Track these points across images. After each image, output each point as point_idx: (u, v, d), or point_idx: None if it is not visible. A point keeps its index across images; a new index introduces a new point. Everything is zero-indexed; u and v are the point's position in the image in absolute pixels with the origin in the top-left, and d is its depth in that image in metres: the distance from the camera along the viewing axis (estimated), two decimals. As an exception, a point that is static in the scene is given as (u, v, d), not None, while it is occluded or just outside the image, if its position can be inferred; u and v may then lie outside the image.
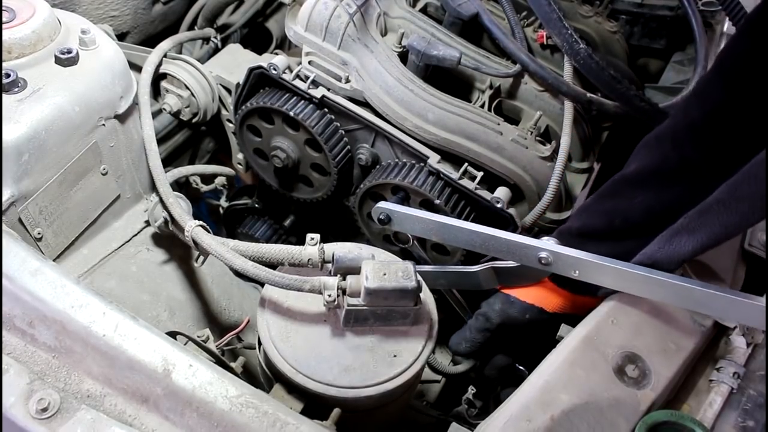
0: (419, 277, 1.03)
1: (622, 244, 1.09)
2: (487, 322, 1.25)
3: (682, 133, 1.04)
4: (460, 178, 1.35)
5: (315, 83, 1.44)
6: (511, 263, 1.17)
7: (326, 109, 1.44)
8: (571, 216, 1.24)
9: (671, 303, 1.03)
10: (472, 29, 1.55)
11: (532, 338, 1.25)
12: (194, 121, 1.65)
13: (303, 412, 0.96)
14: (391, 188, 1.41)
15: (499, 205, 1.33)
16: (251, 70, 1.46)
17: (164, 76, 1.60)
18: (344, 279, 1.02)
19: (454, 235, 1.11)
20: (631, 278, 0.99)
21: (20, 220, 1.13)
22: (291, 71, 1.44)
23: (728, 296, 0.91)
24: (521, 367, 1.33)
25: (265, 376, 1.10)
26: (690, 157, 1.04)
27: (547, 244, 1.05)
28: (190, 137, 1.85)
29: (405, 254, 1.41)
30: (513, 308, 1.21)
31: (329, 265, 1.05)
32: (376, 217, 1.16)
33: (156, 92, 1.64)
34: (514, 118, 1.52)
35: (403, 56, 1.46)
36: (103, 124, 1.24)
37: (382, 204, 1.14)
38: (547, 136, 1.50)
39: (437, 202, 1.33)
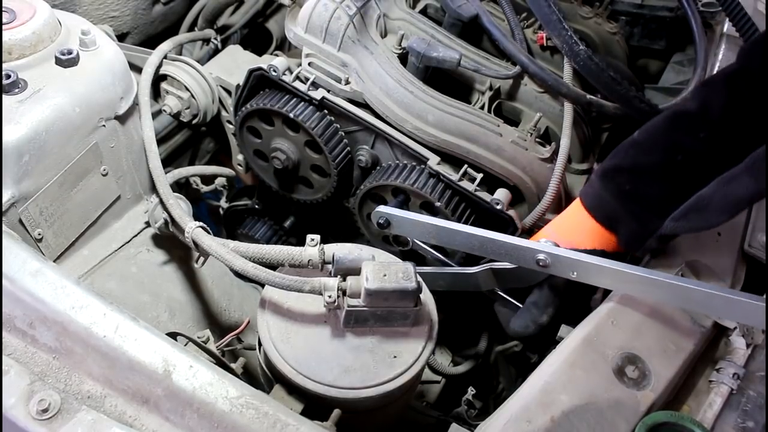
0: (419, 278, 1.03)
1: (680, 182, 1.06)
2: (554, 291, 1.18)
3: (757, 73, 1.01)
4: (460, 180, 1.35)
5: (315, 85, 1.44)
6: (509, 264, 1.17)
7: (326, 111, 1.44)
8: (615, 153, 1.16)
9: (670, 303, 1.03)
10: (471, 31, 1.56)
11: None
12: (194, 122, 1.65)
13: (303, 413, 0.96)
14: (391, 190, 1.41)
15: (498, 207, 1.33)
16: (251, 71, 1.46)
17: (164, 77, 1.60)
18: (344, 280, 1.02)
19: (452, 238, 1.11)
20: (629, 279, 0.99)
21: (21, 221, 1.14)
22: (291, 73, 1.45)
23: (727, 296, 0.91)
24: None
25: (265, 377, 1.10)
26: (761, 99, 1.01)
27: (545, 246, 1.05)
28: (190, 138, 1.85)
29: (405, 255, 1.41)
30: None
31: (329, 266, 1.05)
32: (376, 221, 1.16)
33: (156, 93, 1.64)
34: (513, 120, 1.52)
35: (403, 58, 1.46)
36: (104, 125, 1.24)
37: (381, 208, 1.14)
38: (546, 137, 1.50)
39: (437, 204, 1.34)
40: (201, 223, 1.15)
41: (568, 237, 1.16)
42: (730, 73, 1.06)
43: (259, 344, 1.09)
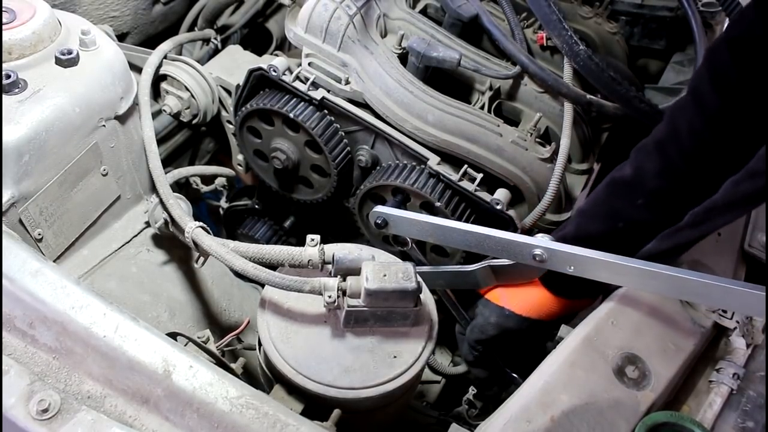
0: (419, 279, 1.03)
1: (623, 247, 1.09)
2: (482, 334, 1.25)
3: (685, 138, 1.05)
4: (460, 180, 1.35)
5: (315, 85, 1.44)
6: (507, 261, 1.17)
7: (326, 111, 1.44)
8: (566, 223, 1.25)
9: (669, 295, 1.02)
10: (471, 31, 1.55)
11: (528, 340, 1.26)
12: (194, 122, 1.65)
13: (303, 413, 0.96)
14: (391, 190, 1.41)
15: (498, 207, 1.33)
16: (251, 71, 1.46)
17: (164, 77, 1.60)
18: (344, 280, 1.02)
19: (450, 236, 1.11)
20: (627, 272, 0.98)
21: (21, 221, 1.14)
22: (291, 73, 1.45)
23: (725, 285, 0.90)
24: (514, 375, 1.34)
25: (265, 377, 1.10)
26: (694, 160, 1.04)
27: (542, 241, 1.05)
28: (190, 138, 1.85)
29: (405, 255, 1.41)
30: (509, 322, 1.22)
31: (329, 266, 1.05)
32: (373, 222, 1.16)
33: (156, 93, 1.64)
34: (513, 120, 1.52)
35: (403, 58, 1.46)
36: (104, 125, 1.24)
37: (378, 208, 1.14)
38: (546, 137, 1.50)
39: (438, 204, 1.34)
40: (201, 223, 1.15)
41: (517, 299, 1.22)
42: (659, 139, 1.09)
43: (259, 344, 1.09)
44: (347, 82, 1.44)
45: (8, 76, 1.12)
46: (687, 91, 1.08)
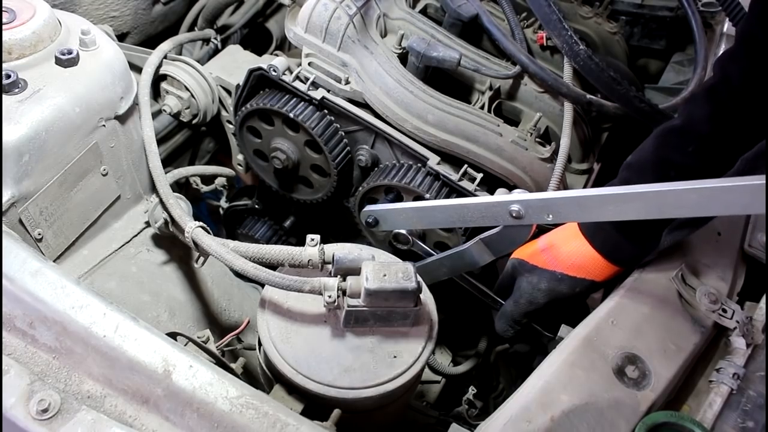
0: (419, 278, 1.03)
1: None
2: (531, 305, 1.21)
3: (735, 80, 1.03)
4: (460, 180, 1.35)
5: (315, 84, 1.44)
6: (494, 229, 1.16)
7: (326, 111, 1.44)
8: (610, 183, 1.20)
9: (657, 216, 0.96)
10: (471, 30, 1.56)
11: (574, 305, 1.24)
12: (194, 122, 1.65)
13: (303, 413, 0.96)
14: (389, 190, 1.41)
15: (499, 206, 1.33)
16: (251, 71, 1.46)
17: (164, 77, 1.60)
18: (344, 280, 1.02)
19: (433, 216, 1.10)
20: (605, 202, 0.94)
21: (21, 221, 1.14)
22: (291, 72, 1.45)
23: (715, 185, 0.82)
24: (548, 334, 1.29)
25: (265, 377, 1.10)
26: (744, 101, 1.02)
27: (515, 195, 1.03)
28: (190, 138, 1.85)
29: (405, 255, 1.41)
30: (562, 285, 1.18)
31: (329, 266, 1.05)
32: (364, 221, 1.16)
33: (156, 93, 1.64)
34: (513, 120, 1.52)
35: (403, 57, 1.46)
36: (104, 125, 1.24)
37: (368, 207, 1.14)
38: (546, 137, 1.50)
39: (437, 203, 1.34)
40: (201, 223, 1.15)
41: (563, 257, 1.18)
42: (710, 86, 1.08)
43: (259, 344, 1.09)
44: (347, 82, 1.44)
45: (8, 76, 1.12)
46: (736, 37, 1.06)
